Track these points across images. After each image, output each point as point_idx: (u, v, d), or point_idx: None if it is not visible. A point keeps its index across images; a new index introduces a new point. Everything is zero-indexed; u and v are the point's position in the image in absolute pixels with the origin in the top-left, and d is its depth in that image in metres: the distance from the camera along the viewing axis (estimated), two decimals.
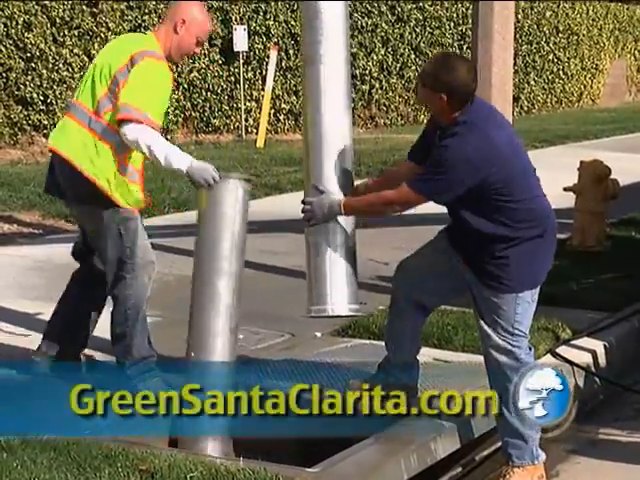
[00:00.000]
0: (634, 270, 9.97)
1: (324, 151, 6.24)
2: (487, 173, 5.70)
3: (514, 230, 5.86)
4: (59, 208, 12.84)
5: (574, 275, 9.62)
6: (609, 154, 15.90)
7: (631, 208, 12.98)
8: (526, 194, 5.88)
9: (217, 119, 20.98)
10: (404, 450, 5.96)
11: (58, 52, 18.04)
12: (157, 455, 5.53)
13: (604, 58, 35.93)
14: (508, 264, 5.90)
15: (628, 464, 6.51)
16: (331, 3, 6.28)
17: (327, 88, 6.24)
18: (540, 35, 31.58)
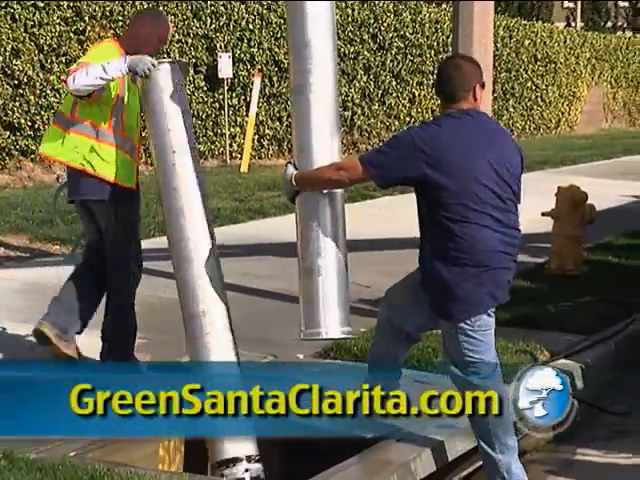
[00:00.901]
0: (611, 294, 10.00)
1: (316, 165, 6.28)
2: (424, 171, 5.76)
3: (450, 253, 5.86)
4: (46, 232, 12.86)
5: (552, 298, 9.64)
6: (586, 180, 15.98)
7: (607, 233, 13.03)
8: (473, 220, 5.81)
9: (202, 144, 20.95)
10: (385, 470, 5.97)
11: (46, 78, 18.02)
12: (141, 475, 5.53)
13: (581, 86, 36.09)
14: (449, 292, 5.91)
15: None
16: (320, 33, 6.31)
17: (316, 116, 6.26)
18: (519, 63, 31.72)
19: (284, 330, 7.73)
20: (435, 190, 5.81)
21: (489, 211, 5.83)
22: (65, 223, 13.27)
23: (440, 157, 5.77)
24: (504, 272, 6.00)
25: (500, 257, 5.92)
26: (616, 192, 17.75)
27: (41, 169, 18.16)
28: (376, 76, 25.02)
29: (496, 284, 5.98)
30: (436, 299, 5.97)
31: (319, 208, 6.25)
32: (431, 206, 5.90)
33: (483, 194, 5.80)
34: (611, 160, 25.10)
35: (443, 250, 5.89)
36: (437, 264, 5.93)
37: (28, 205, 14.71)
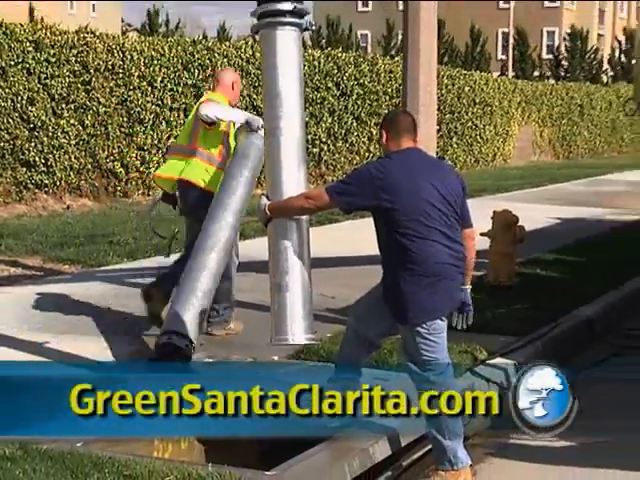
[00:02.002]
0: (539, 301, 10.04)
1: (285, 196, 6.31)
2: (380, 196, 5.82)
3: (401, 264, 5.88)
4: (57, 254, 12.80)
5: (489, 306, 9.62)
6: (517, 205, 16.01)
7: (535, 250, 13.04)
8: (424, 236, 5.83)
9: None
10: (348, 455, 5.93)
11: (57, 123, 17.99)
12: (139, 462, 5.48)
13: (513, 125, 36.22)
14: (407, 300, 5.91)
15: (535, 463, 6.54)
16: (289, 85, 6.33)
17: (286, 155, 6.30)
18: (460, 106, 31.80)
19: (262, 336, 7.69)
20: (390, 212, 5.85)
21: (438, 227, 5.87)
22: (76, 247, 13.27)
23: (392, 183, 5.84)
24: (454, 282, 6.02)
25: (449, 268, 5.94)
26: (543, 215, 17.81)
27: (53, 200, 18.13)
28: (339, 118, 25.03)
29: (447, 292, 5.99)
30: (396, 307, 5.97)
31: (287, 233, 6.27)
32: (388, 226, 5.93)
33: (431, 212, 5.85)
34: (539, 188, 25.17)
35: (400, 264, 5.90)
36: (396, 276, 5.94)
37: (42, 231, 14.65)
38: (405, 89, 8.72)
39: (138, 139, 19.69)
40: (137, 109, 19.60)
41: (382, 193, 5.85)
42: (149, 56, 19.90)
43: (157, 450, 6.16)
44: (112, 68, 19.10)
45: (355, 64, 25.55)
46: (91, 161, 18.83)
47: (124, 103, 19.36)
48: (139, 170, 19.82)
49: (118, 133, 19.30)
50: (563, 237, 15.12)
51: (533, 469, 6.51)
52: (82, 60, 18.50)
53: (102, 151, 18.98)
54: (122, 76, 19.30)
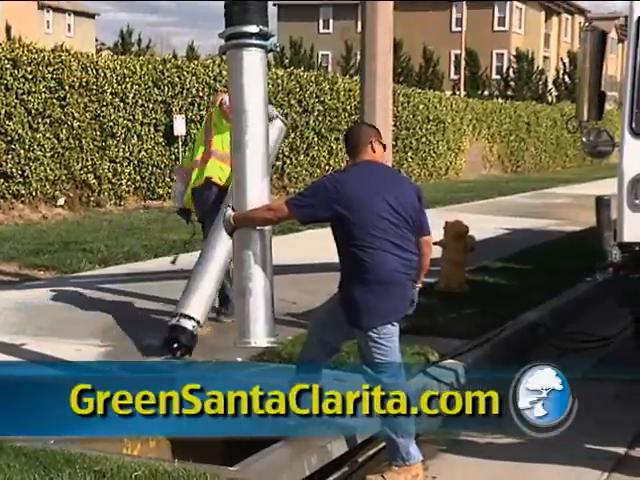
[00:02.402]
0: (487, 307, 10.05)
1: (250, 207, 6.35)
2: (334, 208, 5.86)
3: (355, 272, 5.91)
4: (33, 260, 12.73)
5: (441, 311, 9.66)
6: (468, 216, 16.01)
7: (485, 258, 13.08)
8: (372, 242, 5.86)
9: (161, 188, 20.91)
10: (307, 452, 5.93)
11: (33, 136, 17.91)
12: (109, 458, 5.46)
13: (465, 141, 36.38)
14: (360, 306, 5.93)
15: (482, 459, 6.58)
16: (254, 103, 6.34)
17: (251, 167, 6.33)
18: (415, 123, 31.90)
19: (226, 338, 7.70)
20: (344, 223, 5.89)
21: (389, 238, 5.89)
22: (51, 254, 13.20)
23: (345, 196, 5.88)
24: (404, 289, 6.04)
25: (400, 276, 5.96)
26: (492, 225, 17.87)
27: (29, 209, 18.02)
28: (301, 133, 25.05)
29: (398, 299, 6.02)
30: (350, 312, 5.98)
31: (251, 242, 6.29)
32: (342, 237, 5.97)
33: (382, 224, 5.88)
34: (488, 200, 25.27)
35: (354, 272, 5.93)
36: (350, 283, 5.97)
37: (19, 239, 14.57)
38: (363, 106, 8.73)
39: (110, 152, 19.63)
40: (110, 124, 19.54)
41: (336, 206, 5.88)
42: (121, 74, 19.85)
43: (126, 447, 6.12)
44: (86, 85, 19.04)
45: (316, 83, 25.59)
46: (66, 173, 18.76)
47: (97, 118, 19.31)
48: (111, 181, 19.76)
49: (92, 146, 19.23)
50: (510, 246, 15.18)
51: (480, 464, 6.55)
52: (57, 77, 18.42)
53: (76, 163, 18.91)
54: (96, 92, 19.23)
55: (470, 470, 6.50)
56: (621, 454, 6.63)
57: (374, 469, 6.21)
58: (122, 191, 20.01)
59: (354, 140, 6.20)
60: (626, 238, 7.57)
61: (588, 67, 8.16)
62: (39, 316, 9.52)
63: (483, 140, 38.33)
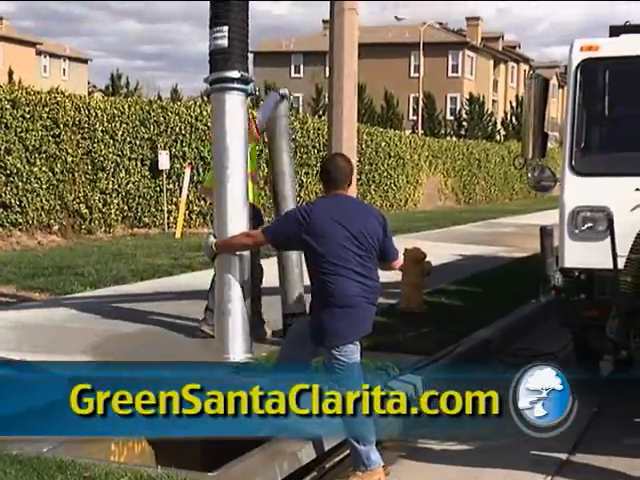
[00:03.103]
0: (443, 325, 10.05)
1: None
2: (303, 237, 5.85)
3: (323, 298, 5.90)
4: (30, 283, 12.64)
5: (401, 329, 9.66)
6: (425, 243, 16.09)
7: (441, 281, 13.10)
8: (335, 270, 5.86)
9: (147, 217, 20.85)
10: (278, 458, 5.91)
11: (30, 170, 17.83)
12: (97, 465, 5.41)
13: (422, 175, 36.51)
14: (324, 327, 5.92)
15: (439, 464, 6.57)
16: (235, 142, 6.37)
17: (232, 199, 6.41)
18: (378, 159, 31.98)
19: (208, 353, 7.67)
20: (311, 251, 5.91)
21: (351, 267, 5.90)
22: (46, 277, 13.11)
23: (313, 226, 5.89)
24: (365, 312, 6.04)
25: (361, 301, 5.97)
26: (447, 252, 17.91)
27: (26, 236, 17.92)
28: None
29: (359, 321, 6.01)
30: (316, 332, 5.98)
31: (231, 267, 6.30)
32: (311, 264, 5.98)
33: (345, 254, 5.88)
34: (443, 229, 25.34)
35: (319, 296, 5.94)
36: (317, 306, 5.99)
37: (16, 263, 14.45)
38: (330, 144, 8.75)
39: (101, 184, 19.56)
40: (100, 159, 19.48)
41: (305, 235, 5.89)
42: (111, 113, 19.82)
43: (113, 454, 6.07)
44: (79, 123, 18.98)
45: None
46: (60, 203, 18.66)
47: (89, 153, 19.25)
48: (101, 211, 19.68)
49: (83, 179, 19.16)
50: (464, 271, 15.21)
51: (436, 468, 6.54)
52: (53, 116, 18.36)
53: (69, 194, 18.82)
54: (88, 130, 19.18)
55: (427, 474, 6.48)
56: (563, 459, 6.63)
57: (340, 474, 6.20)
58: (111, 220, 19.94)
59: (340, 174, 6.10)
60: (567, 264, 7.61)
61: (532, 110, 8.22)
62: (34, 334, 9.45)
63: (439, 174, 38.48)
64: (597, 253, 7.32)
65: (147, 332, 9.64)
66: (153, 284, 13.06)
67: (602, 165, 7.82)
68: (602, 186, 7.58)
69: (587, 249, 7.48)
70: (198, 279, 12.50)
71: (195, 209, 21.91)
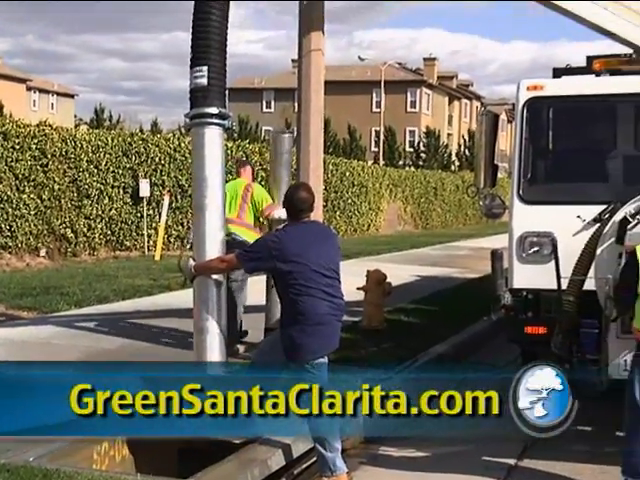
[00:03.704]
0: (402, 341, 10.07)
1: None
2: (274, 261, 5.87)
3: (291, 314, 5.91)
4: (19, 302, 12.52)
5: (364, 345, 9.67)
6: (386, 265, 16.11)
7: (400, 300, 13.11)
8: (309, 291, 5.87)
9: (128, 241, 20.75)
10: (250, 465, 5.88)
11: (20, 197, 17.75)
12: (80, 473, 5.36)
13: (383, 202, 36.61)
14: (296, 343, 5.90)
15: (398, 470, 6.58)
16: (213, 171, 6.39)
17: (209, 225, 6.41)
18: (342, 187, 32.05)
19: None
20: (283, 274, 5.89)
21: (320, 287, 5.91)
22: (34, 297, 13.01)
23: (284, 253, 5.89)
24: (333, 329, 6.06)
25: (329, 318, 5.98)
26: (407, 273, 17.95)
27: (16, 259, 17.77)
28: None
29: (328, 337, 6.02)
30: (288, 348, 5.96)
31: (209, 288, 6.29)
32: (282, 285, 5.98)
33: (315, 276, 5.90)
34: (403, 252, 25.39)
35: (291, 314, 5.93)
36: (288, 323, 5.97)
37: (6, 284, 14.32)
38: (298, 173, 8.77)
39: (85, 210, 19.47)
40: (85, 187, 19.39)
41: (276, 261, 5.90)
42: (96, 145, 19.75)
43: (96, 463, 6.00)
44: (65, 154, 18.90)
45: (260, 153, 25.61)
46: (47, 228, 18.55)
47: (75, 182, 19.16)
48: (86, 235, 19.58)
49: (69, 206, 19.06)
50: (421, 290, 15.24)
51: (395, 474, 6.54)
52: (41, 147, 18.27)
53: (56, 220, 18.71)
54: (73, 160, 19.09)
55: (387, 479, 6.48)
56: (511, 464, 6.65)
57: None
58: (95, 243, 19.83)
59: (302, 203, 6.10)
60: (515, 285, 7.63)
61: (483, 143, 8.27)
62: (22, 350, 9.36)
63: (398, 202, 38.60)
64: (543, 275, 7.35)
65: (128, 347, 9.58)
66: (134, 303, 12.98)
67: (547, 194, 7.86)
68: (547, 213, 7.61)
69: (534, 271, 7.50)
70: (176, 298, 12.45)
71: (173, 233, 21.83)
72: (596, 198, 7.43)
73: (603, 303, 6.72)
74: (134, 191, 20.65)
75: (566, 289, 7.15)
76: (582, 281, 7.05)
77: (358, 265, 17.39)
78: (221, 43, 6.52)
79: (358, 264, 18.31)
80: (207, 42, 6.45)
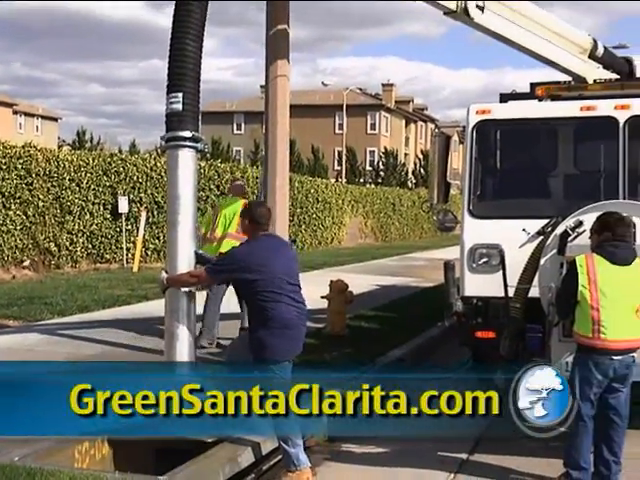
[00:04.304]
0: (363, 346, 10.07)
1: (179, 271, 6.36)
2: (239, 271, 5.94)
3: (260, 320, 5.94)
4: (4, 312, 12.41)
5: (327, 349, 9.65)
6: (348, 275, 16.14)
7: (361, 308, 13.13)
8: (275, 298, 5.91)
9: (108, 254, 20.59)
10: (221, 462, 5.85)
11: (6, 213, 17.58)
12: (62, 471, 5.30)
13: (346, 217, 36.63)
14: (264, 346, 5.93)
15: (359, 465, 6.58)
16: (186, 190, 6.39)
17: (182, 240, 6.38)
18: (307, 203, 32.03)
19: None
20: (251, 283, 5.92)
21: (286, 293, 5.98)
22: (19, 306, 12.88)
23: (252, 264, 5.96)
24: (299, 332, 6.10)
25: (296, 322, 6.04)
26: (367, 282, 17.95)
27: (2, 271, 17.59)
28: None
29: (293, 340, 6.06)
30: (256, 349, 5.98)
31: (179, 299, 6.28)
32: (250, 293, 6.01)
33: (281, 283, 5.97)
34: (364, 263, 25.39)
35: (259, 318, 5.96)
36: (256, 327, 5.99)
37: None
38: (266, 190, 8.76)
39: (68, 226, 19.31)
40: (68, 204, 19.24)
41: (244, 272, 5.95)
42: (77, 164, 19.61)
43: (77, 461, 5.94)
44: (49, 173, 18.74)
45: (231, 171, 25.52)
46: (32, 242, 18.38)
47: (58, 199, 19.00)
48: (68, 249, 19.41)
49: (53, 221, 18.90)
50: (381, 298, 15.25)
51: (357, 469, 6.53)
52: (27, 167, 18.10)
53: (40, 235, 18.55)
54: (57, 179, 18.94)
55: (350, 474, 6.47)
56: (464, 459, 6.67)
57: (275, 475, 6.16)
58: (77, 256, 19.67)
59: (263, 218, 6.24)
60: (466, 293, 7.67)
61: (437, 163, 8.33)
62: (9, 355, 9.24)
63: (359, 216, 38.63)
64: (491, 284, 7.40)
65: (107, 353, 9.51)
66: (113, 312, 12.90)
67: (495, 209, 7.92)
68: (495, 227, 7.67)
69: (483, 280, 7.55)
70: (152, 307, 12.37)
71: (150, 246, 21.70)
72: (539, 213, 7.50)
73: (546, 309, 6.78)
74: (113, 207, 20.51)
75: (513, 296, 7.22)
76: (527, 289, 7.12)
77: (322, 275, 17.39)
78: (195, 71, 6.53)
79: (322, 274, 18.31)
80: (182, 70, 6.47)
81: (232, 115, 74.54)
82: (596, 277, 5.87)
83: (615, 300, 5.84)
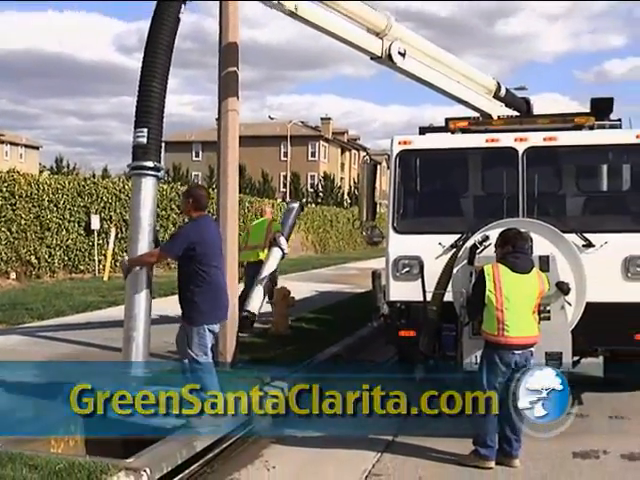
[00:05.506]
0: (303, 344, 10.05)
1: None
2: (193, 244, 6.15)
3: (199, 285, 6.14)
4: None
5: (272, 348, 9.60)
6: (292, 282, 16.15)
7: (302, 311, 13.13)
8: (214, 266, 6.22)
9: (82, 265, 20.28)
10: (179, 445, 5.76)
11: None
12: (39, 455, 5.18)
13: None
14: (197, 307, 6.13)
15: (302, 447, 6.54)
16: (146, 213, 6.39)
17: (140, 252, 6.34)
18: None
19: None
20: (198, 255, 6.19)
21: (220, 265, 6.40)
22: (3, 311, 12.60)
23: (200, 238, 6.26)
24: (226, 299, 6.46)
25: (225, 288, 6.45)
26: (308, 288, 17.97)
27: None
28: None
29: (223, 306, 6.40)
30: (187, 310, 6.24)
31: (135, 306, 6.30)
32: (195, 263, 6.21)
33: (218, 256, 6.40)
34: (306, 272, 25.44)
35: (197, 284, 6.19)
36: (192, 292, 6.19)
37: None
38: (218, 209, 8.70)
39: (47, 241, 18.96)
40: (47, 221, 18.90)
41: (194, 245, 6.18)
42: (55, 187, 19.28)
43: (53, 448, 5.82)
44: (30, 195, 18.38)
45: None
46: (15, 255, 18.01)
47: (38, 218, 18.65)
48: (47, 261, 19.06)
49: (34, 237, 18.54)
50: (319, 303, 15.27)
51: (300, 451, 6.49)
52: (11, 190, 17.75)
53: (23, 249, 18.18)
54: (37, 200, 18.59)
55: (292, 455, 6.43)
56: (389, 440, 6.67)
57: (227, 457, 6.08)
58: (55, 267, 19.32)
59: (204, 200, 6.50)
60: (391, 298, 7.72)
61: (365, 186, 8.39)
62: None
63: (302, 232, 38.61)
64: (412, 290, 7.46)
65: (82, 352, 9.35)
66: (86, 316, 12.69)
67: (415, 226, 7.99)
68: (415, 241, 7.73)
69: (405, 287, 7.60)
70: (121, 311, 12.07)
71: (119, 259, 21.35)
72: (453, 229, 7.59)
73: (458, 311, 6.86)
74: (87, 225, 20.21)
75: (430, 301, 7.29)
76: (442, 294, 7.20)
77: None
78: (160, 109, 6.55)
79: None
80: (148, 108, 6.49)
81: (191, 144, 74.06)
82: (501, 284, 5.97)
83: (516, 303, 5.95)
